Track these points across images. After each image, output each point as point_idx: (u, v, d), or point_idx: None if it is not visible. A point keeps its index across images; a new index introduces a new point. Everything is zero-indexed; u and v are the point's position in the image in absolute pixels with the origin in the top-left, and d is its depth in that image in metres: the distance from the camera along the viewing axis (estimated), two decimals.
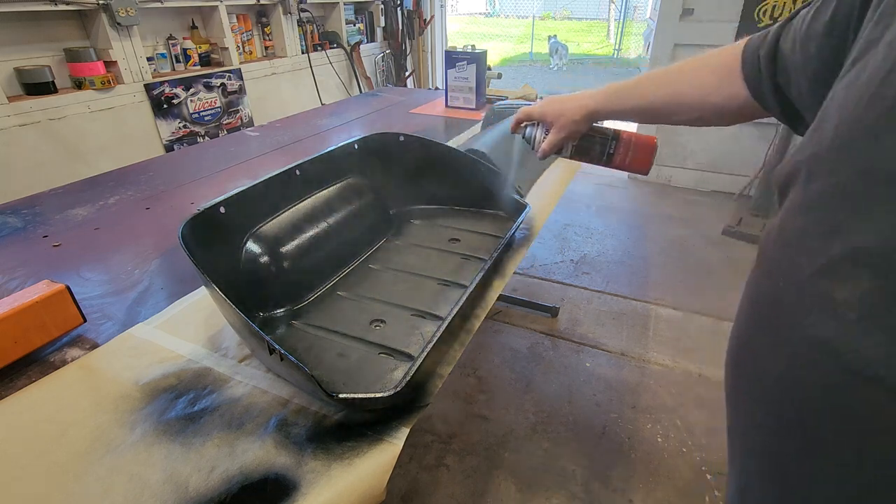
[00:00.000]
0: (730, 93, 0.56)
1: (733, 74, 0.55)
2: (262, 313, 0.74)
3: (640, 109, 0.65)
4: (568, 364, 1.74)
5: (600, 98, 0.68)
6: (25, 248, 0.91)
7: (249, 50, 2.87)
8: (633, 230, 2.69)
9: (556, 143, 0.73)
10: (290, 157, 1.36)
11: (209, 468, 0.49)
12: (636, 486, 1.31)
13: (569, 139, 0.73)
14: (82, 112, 2.05)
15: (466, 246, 0.94)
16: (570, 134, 0.72)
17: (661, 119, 0.65)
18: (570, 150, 0.75)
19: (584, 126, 0.71)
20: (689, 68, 0.61)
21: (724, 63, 0.57)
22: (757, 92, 0.53)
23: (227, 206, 0.71)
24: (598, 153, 0.74)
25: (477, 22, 14.79)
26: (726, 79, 0.56)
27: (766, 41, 0.51)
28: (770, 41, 0.51)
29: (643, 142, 0.73)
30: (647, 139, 0.73)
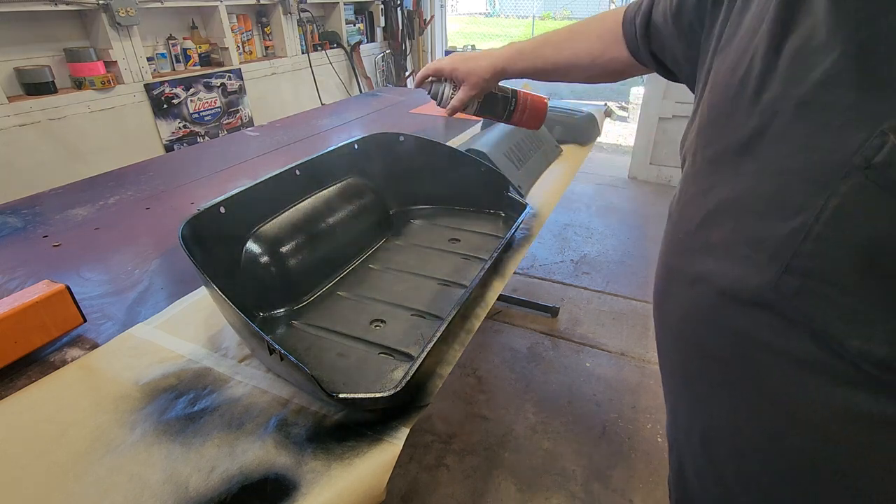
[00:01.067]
0: (614, 56, 0.65)
1: (617, 40, 0.64)
2: (262, 313, 0.74)
3: (540, 70, 0.72)
4: (568, 364, 1.74)
5: (507, 57, 0.74)
6: (25, 248, 0.91)
7: (249, 50, 2.87)
8: (633, 230, 2.68)
9: (465, 101, 0.77)
10: (290, 157, 1.36)
11: (209, 468, 0.49)
12: (636, 486, 1.31)
13: (476, 96, 0.77)
14: (82, 112, 2.05)
15: (466, 246, 0.94)
16: (480, 91, 0.77)
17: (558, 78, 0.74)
18: (476, 107, 0.80)
19: (492, 84, 0.77)
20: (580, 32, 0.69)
21: (610, 28, 0.65)
22: (637, 56, 0.62)
23: (227, 206, 0.71)
24: (500, 110, 0.81)
25: (477, 22, 14.78)
26: (611, 44, 0.65)
27: (640, 12, 0.59)
28: (644, 12, 0.58)
29: (537, 101, 0.82)
30: (539, 99, 0.82)
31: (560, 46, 0.70)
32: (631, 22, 0.61)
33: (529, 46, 0.73)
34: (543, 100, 0.82)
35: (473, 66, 0.74)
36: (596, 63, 0.67)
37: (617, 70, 0.67)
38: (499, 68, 0.74)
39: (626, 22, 0.62)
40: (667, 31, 0.55)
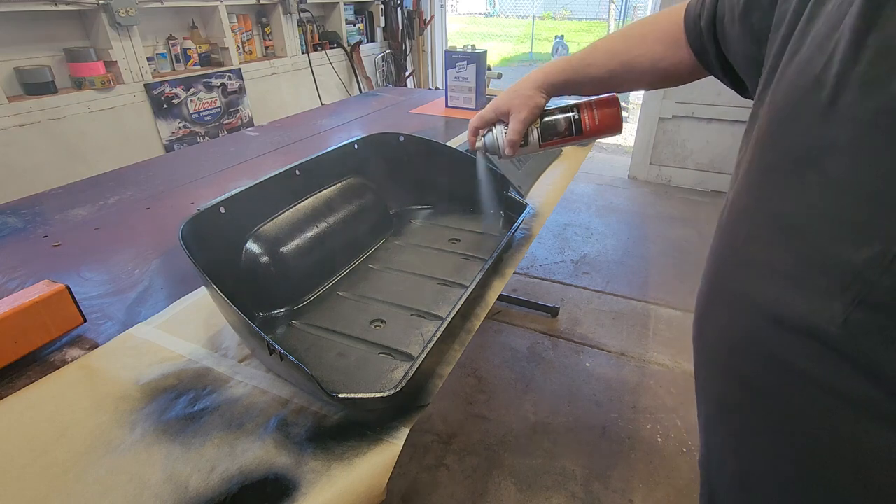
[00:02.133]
0: (678, 60, 0.58)
1: (679, 43, 0.57)
2: (262, 313, 0.74)
3: (594, 79, 0.65)
4: (568, 364, 1.74)
5: (551, 71, 0.66)
6: (25, 248, 0.91)
7: (249, 50, 2.87)
8: (633, 230, 2.68)
9: (520, 129, 0.67)
10: (290, 157, 1.36)
11: (209, 468, 0.49)
12: (636, 486, 1.31)
13: (530, 119, 0.67)
14: (82, 112, 2.05)
15: (466, 246, 0.94)
16: (531, 111, 0.67)
17: (613, 88, 0.67)
18: (538, 136, 0.69)
19: (542, 100, 0.67)
20: (635, 36, 0.62)
21: (667, 30, 0.58)
22: (702, 59, 0.56)
23: (227, 206, 0.71)
24: (565, 126, 0.69)
25: (477, 22, 14.79)
26: (673, 47, 0.58)
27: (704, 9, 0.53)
28: (708, 11, 0.52)
29: (603, 99, 0.69)
30: (605, 96, 0.69)
31: (614, 52, 0.63)
32: (695, 21, 0.55)
33: (577, 56, 0.66)
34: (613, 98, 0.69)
35: (514, 92, 0.67)
36: (657, 67, 0.60)
37: (681, 75, 0.60)
38: (543, 82, 0.66)
39: (689, 21, 0.56)
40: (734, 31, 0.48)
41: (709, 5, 0.52)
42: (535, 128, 0.69)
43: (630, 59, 0.61)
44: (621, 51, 0.62)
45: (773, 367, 0.38)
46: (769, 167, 0.38)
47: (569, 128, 0.69)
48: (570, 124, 0.69)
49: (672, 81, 0.63)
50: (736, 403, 0.43)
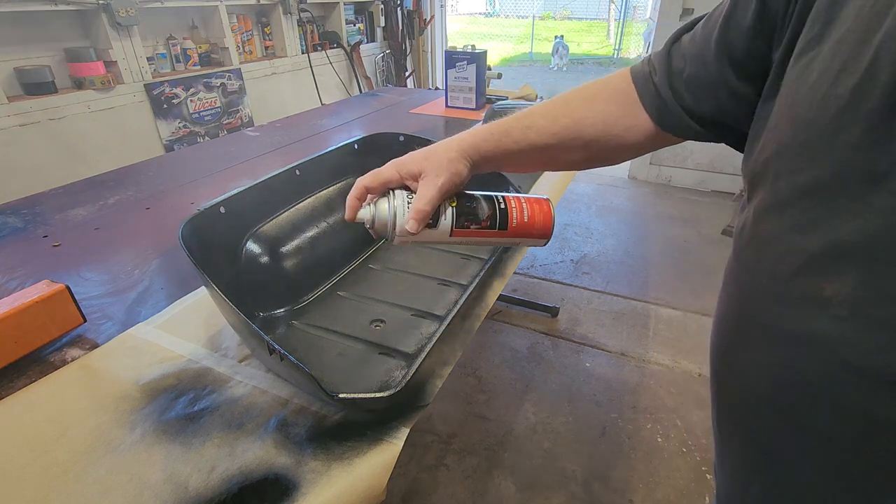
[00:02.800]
0: (634, 121, 0.50)
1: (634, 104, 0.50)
2: (262, 313, 0.74)
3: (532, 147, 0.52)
4: (568, 364, 1.74)
5: (480, 135, 0.53)
6: (25, 248, 0.91)
7: (249, 50, 2.87)
8: (633, 230, 2.69)
9: (434, 197, 0.48)
10: (290, 158, 1.36)
11: (209, 468, 0.49)
12: (636, 486, 1.31)
13: (449, 188, 0.49)
14: (82, 112, 2.05)
15: (466, 246, 0.94)
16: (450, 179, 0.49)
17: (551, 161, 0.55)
18: (451, 218, 0.51)
19: (465, 167, 0.51)
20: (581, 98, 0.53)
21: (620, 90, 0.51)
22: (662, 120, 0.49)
23: (227, 206, 0.71)
24: (487, 213, 0.52)
25: (477, 22, 14.79)
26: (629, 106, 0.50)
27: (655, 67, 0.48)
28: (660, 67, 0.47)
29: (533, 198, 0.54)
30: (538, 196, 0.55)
31: (556, 114, 0.52)
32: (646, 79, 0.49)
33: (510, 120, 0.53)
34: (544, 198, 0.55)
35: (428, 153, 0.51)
36: (611, 132, 0.51)
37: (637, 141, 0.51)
38: (468, 143, 0.51)
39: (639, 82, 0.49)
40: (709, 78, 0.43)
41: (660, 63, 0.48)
42: (449, 206, 0.51)
43: (578, 121, 0.51)
44: (565, 113, 0.52)
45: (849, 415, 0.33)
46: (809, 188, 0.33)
47: (492, 217, 0.52)
48: (494, 213, 0.52)
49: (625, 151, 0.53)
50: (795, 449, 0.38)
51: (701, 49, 0.44)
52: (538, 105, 0.54)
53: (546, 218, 0.53)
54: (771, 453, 0.40)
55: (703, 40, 0.43)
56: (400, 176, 0.51)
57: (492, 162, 0.54)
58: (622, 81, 0.51)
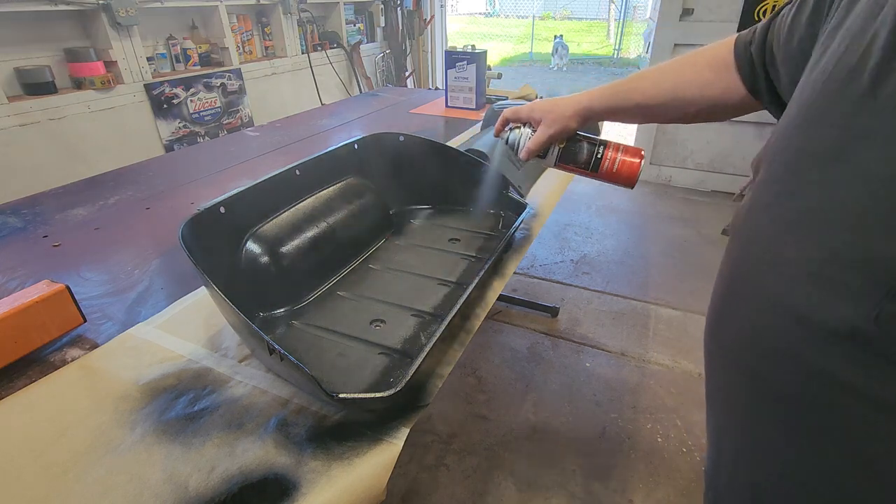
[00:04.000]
0: (727, 86, 0.56)
1: (729, 69, 0.55)
2: (262, 313, 0.74)
3: (638, 107, 0.62)
4: (568, 364, 1.74)
5: (595, 95, 0.65)
6: (25, 248, 0.91)
7: (249, 50, 2.87)
8: (633, 230, 2.68)
9: (543, 142, 0.66)
10: (290, 157, 1.36)
11: (209, 468, 0.49)
12: (636, 486, 1.31)
13: (556, 138, 0.67)
14: (82, 112, 2.05)
15: (466, 246, 0.94)
16: (560, 131, 0.66)
17: (658, 117, 0.64)
18: (557, 154, 0.68)
19: (575, 124, 0.66)
20: (684, 64, 0.60)
21: (717, 57, 0.56)
22: (753, 86, 0.54)
23: (227, 206, 0.71)
24: (585, 158, 0.67)
25: (477, 22, 14.79)
26: (723, 73, 0.56)
27: (755, 37, 0.53)
28: (759, 37, 0.52)
29: (631, 151, 0.67)
30: (634, 149, 0.67)
31: (661, 78, 0.60)
32: (745, 47, 0.54)
33: (622, 82, 0.64)
34: (639, 151, 0.67)
35: (553, 105, 0.66)
36: (705, 95, 0.57)
37: (729, 104, 0.57)
38: (584, 105, 0.64)
39: (739, 47, 0.55)
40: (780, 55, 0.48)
41: (759, 32, 0.52)
42: (557, 146, 0.68)
43: (677, 86, 0.59)
44: (669, 77, 0.60)
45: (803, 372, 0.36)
46: (794, 160, 0.36)
47: (587, 161, 0.68)
48: (590, 158, 0.67)
49: (719, 112, 0.59)
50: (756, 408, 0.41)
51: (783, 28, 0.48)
52: (647, 69, 0.63)
53: (631, 171, 0.67)
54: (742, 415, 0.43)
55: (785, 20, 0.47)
56: (530, 118, 0.69)
57: (603, 116, 0.66)
58: (724, 49, 0.56)
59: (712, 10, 2.71)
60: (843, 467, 0.35)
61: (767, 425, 0.40)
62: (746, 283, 0.41)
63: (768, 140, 0.41)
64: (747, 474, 0.43)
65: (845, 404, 0.34)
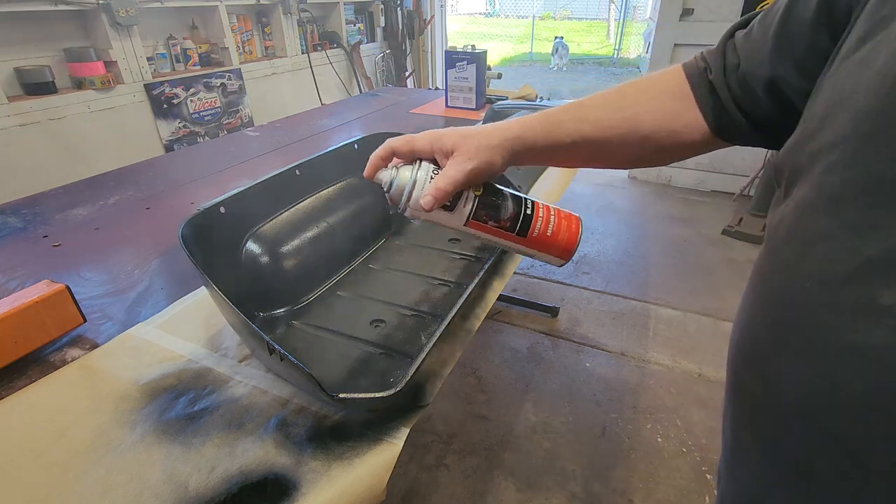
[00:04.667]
0: (691, 119, 0.47)
1: (688, 98, 0.48)
2: (262, 313, 0.74)
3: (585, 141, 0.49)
4: (568, 364, 1.74)
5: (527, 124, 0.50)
6: (25, 248, 0.91)
7: (249, 50, 2.87)
8: (633, 230, 2.69)
9: (459, 180, 0.46)
10: (290, 157, 1.36)
11: (209, 468, 0.49)
12: (636, 486, 1.31)
13: (477, 176, 0.47)
14: (82, 112, 2.05)
15: (466, 246, 0.94)
16: (482, 167, 0.46)
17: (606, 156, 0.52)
18: (472, 205, 0.48)
19: (501, 158, 0.48)
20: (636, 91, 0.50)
21: (676, 84, 0.48)
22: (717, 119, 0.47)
23: (227, 206, 0.71)
24: (511, 213, 0.48)
25: (477, 22, 14.80)
26: (686, 102, 0.47)
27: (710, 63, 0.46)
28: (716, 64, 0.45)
29: (565, 214, 0.51)
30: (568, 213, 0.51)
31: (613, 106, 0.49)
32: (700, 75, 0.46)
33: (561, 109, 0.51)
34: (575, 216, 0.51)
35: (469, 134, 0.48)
36: (669, 128, 0.47)
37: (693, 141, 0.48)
38: (514, 134, 0.49)
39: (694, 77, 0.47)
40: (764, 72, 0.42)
41: (715, 59, 0.46)
42: (472, 193, 0.48)
43: (636, 114, 0.48)
44: (622, 105, 0.49)
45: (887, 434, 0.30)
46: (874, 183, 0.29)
47: (513, 219, 0.48)
48: (517, 216, 0.48)
49: (680, 149, 0.50)
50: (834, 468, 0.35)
51: (758, 45, 0.42)
52: (589, 96, 0.51)
53: (570, 238, 0.50)
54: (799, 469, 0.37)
55: (760, 36, 0.42)
56: (432, 148, 0.48)
57: (536, 154, 0.50)
58: (676, 77, 0.48)
59: (712, 10, 2.71)
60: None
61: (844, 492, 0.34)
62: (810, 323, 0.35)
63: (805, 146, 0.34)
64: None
65: None
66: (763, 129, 0.45)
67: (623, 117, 0.48)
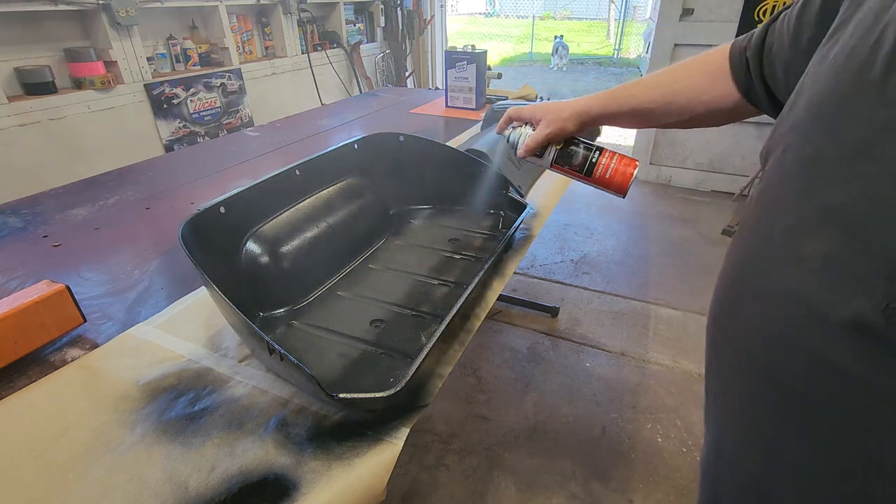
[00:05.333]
0: (721, 92, 0.58)
1: (724, 75, 0.57)
2: (262, 313, 0.74)
3: (635, 111, 0.65)
4: (568, 364, 1.74)
5: (593, 99, 0.68)
6: (25, 248, 0.91)
7: (249, 50, 2.87)
8: (633, 230, 2.68)
9: (540, 140, 0.69)
10: (290, 157, 1.36)
11: (209, 468, 0.49)
12: (636, 486, 1.31)
13: (553, 138, 0.69)
14: (82, 112, 2.05)
15: (466, 246, 0.94)
16: (557, 132, 0.69)
17: (654, 122, 0.66)
18: (553, 155, 0.71)
19: (573, 126, 0.68)
20: (680, 70, 0.62)
21: (713, 63, 0.58)
22: (747, 91, 0.55)
23: (227, 206, 0.71)
24: (580, 161, 0.70)
25: (477, 22, 14.79)
26: (718, 79, 0.57)
27: (752, 42, 0.54)
28: (755, 41, 0.53)
29: (626, 160, 0.69)
30: (629, 158, 0.70)
31: (656, 84, 0.63)
32: (740, 53, 0.55)
33: (619, 88, 0.66)
34: (633, 161, 0.69)
35: (553, 107, 0.69)
36: (699, 100, 0.60)
37: (723, 110, 0.59)
38: (582, 108, 0.67)
39: (734, 53, 0.56)
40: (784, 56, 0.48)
41: (756, 37, 0.53)
42: (554, 147, 0.70)
43: (671, 91, 0.61)
44: (664, 82, 0.62)
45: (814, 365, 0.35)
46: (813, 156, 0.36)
47: (582, 165, 0.70)
48: (585, 162, 0.70)
49: (713, 117, 0.61)
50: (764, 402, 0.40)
51: (784, 30, 0.48)
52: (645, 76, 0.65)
53: (623, 179, 0.68)
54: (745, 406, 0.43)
55: (787, 23, 0.48)
56: (531, 117, 0.71)
57: (599, 120, 0.68)
58: (720, 55, 0.58)
59: (712, 10, 2.70)
60: (848, 458, 0.35)
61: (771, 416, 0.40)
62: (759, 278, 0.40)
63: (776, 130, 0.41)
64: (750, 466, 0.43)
65: (859, 400, 0.33)
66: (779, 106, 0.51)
67: (662, 93, 0.62)
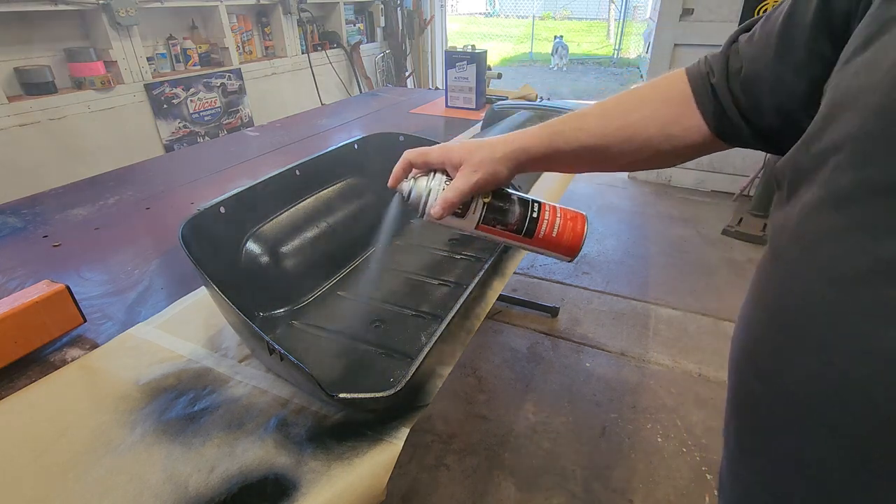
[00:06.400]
0: (690, 124, 0.49)
1: (687, 102, 0.49)
2: (262, 313, 0.74)
3: (585, 149, 0.52)
4: (568, 364, 1.74)
5: (530, 137, 0.52)
6: (25, 248, 0.91)
7: (249, 50, 2.87)
8: (633, 230, 2.68)
9: (466, 191, 0.49)
10: (290, 157, 1.36)
11: (209, 468, 0.49)
12: (636, 486, 1.31)
13: (483, 186, 0.50)
14: (82, 112, 2.05)
15: (466, 246, 0.94)
16: (488, 178, 0.50)
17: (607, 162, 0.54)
18: (481, 212, 0.52)
19: (506, 170, 0.51)
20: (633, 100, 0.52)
21: (675, 90, 0.50)
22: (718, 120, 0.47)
23: (227, 206, 0.71)
24: (516, 219, 0.52)
25: (477, 22, 14.79)
26: (684, 107, 0.49)
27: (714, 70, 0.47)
28: (719, 68, 0.46)
29: (571, 213, 0.54)
30: (574, 211, 0.54)
31: (609, 115, 0.51)
32: (703, 80, 0.47)
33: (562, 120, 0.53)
34: (580, 215, 0.54)
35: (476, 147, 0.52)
36: (667, 132, 0.49)
37: (693, 143, 0.49)
38: (517, 146, 0.52)
39: (696, 82, 0.48)
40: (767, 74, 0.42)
41: (716, 63, 0.47)
42: (480, 200, 0.52)
43: (632, 123, 0.50)
44: (618, 114, 0.51)
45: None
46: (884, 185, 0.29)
47: (520, 223, 0.52)
48: (524, 220, 0.52)
49: (679, 153, 0.51)
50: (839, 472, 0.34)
51: (760, 50, 0.43)
52: (591, 106, 0.53)
53: (575, 238, 0.53)
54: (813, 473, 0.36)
55: (763, 40, 0.43)
56: (443, 161, 0.52)
57: (539, 163, 0.54)
58: (678, 82, 0.50)
59: (712, 10, 2.70)
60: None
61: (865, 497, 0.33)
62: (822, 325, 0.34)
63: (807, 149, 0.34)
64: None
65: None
66: (764, 135, 0.45)
67: (619, 126, 0.50)
